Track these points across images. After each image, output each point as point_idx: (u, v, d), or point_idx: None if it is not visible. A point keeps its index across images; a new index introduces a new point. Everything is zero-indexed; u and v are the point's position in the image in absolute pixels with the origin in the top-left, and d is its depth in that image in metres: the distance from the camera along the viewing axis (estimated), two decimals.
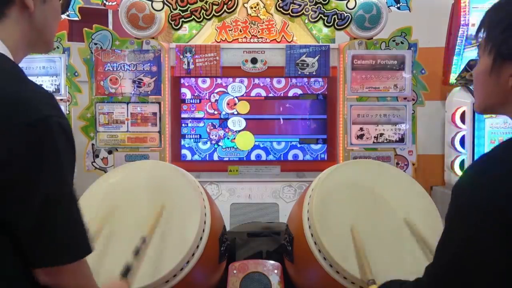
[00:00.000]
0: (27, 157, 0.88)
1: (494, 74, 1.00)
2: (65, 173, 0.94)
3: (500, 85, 0.99)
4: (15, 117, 0.87)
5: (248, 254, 2.42)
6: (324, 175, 2.11)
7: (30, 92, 0.93)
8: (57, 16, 1.10)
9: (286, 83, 2.99)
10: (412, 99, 2.87)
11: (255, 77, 2.97)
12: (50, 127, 0.90)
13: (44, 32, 1.07)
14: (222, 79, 2.98)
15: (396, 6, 2.87)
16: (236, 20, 3.04)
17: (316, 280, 2.01)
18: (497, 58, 0.99)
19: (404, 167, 2.89)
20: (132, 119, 2.83)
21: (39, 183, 0.89)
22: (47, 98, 0.94)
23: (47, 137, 0.90)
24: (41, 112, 0.90)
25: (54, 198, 0.91)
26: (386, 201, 1.99)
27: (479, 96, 1.07)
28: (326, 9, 2.82)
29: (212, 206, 2.13)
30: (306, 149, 3.01)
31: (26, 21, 1.02)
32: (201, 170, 2.90)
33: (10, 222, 0.90)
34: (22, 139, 0.87)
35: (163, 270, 1.79)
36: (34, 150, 0.88)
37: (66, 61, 2.94)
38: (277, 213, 2.87)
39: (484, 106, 1.07)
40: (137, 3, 2.79)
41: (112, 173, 2.22)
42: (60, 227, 0.93)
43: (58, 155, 0.92)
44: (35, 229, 0.90)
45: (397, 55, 2.84)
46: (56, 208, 0.92)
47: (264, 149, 3.01)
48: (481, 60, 1.03)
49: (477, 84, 1.07)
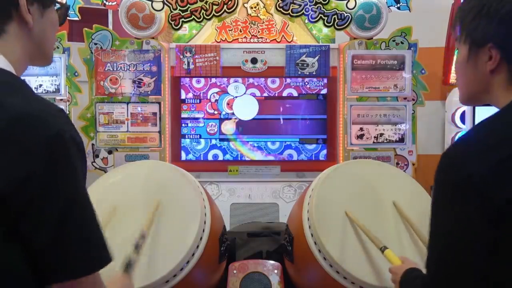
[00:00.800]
0: (43, 174, 0.88)
1: (471, 62, 1.01)
2: (80, 185, 0.95)
3: (479, 72, 1.01)
4: (28, 134, 0.88)
5: (248, 254, 2.42)
6: (324, 175, 2.11)
7: (40, 109, 0.93)
8: (55, 29, 1.11)
9: (280, 83, 2.99)
10: (412, 99, 2.87)
11: (250, 77, 2.97)
12: (64, 142, 0.90)
13: (43, 45, 1.07)
14: (217, 79, 2.97)
15: (396, 6, 2.86)
16: (236, 20, 3.04)
17: (316, 280, 2.01)
18: (472, 46, 1.00)
19: (404, 167, 2.89)
20: (132, 119, 2.83)
21: (56, 198, 0.89)
22: (57, 113, 0.95)
23: (62, 152, 0.90)
24: (54, 127, 0.90)
25: (70, 211, 0.91)
26: (386, 201, 1.99)
27: (461, 87, 1.08)
28: (326, 9, 2.82)
29: (212, 206, 2.13)
30: (301, 149, 3.01)
31: (25, 35, 1.02)
32: (201, 170, 2.90)
33: (28, 237, 0.89)
34: (38, 156, 0.88)
35: (163, 270, 1.79)
36: (50, 166, 0.89)
37: (66, 61, 2.94)
38: (277, 213, 2.87)
39: (467, 95, 1.08)
40: (137, 3, 2.79)
41: (112, 173, 2.22)
42: (78, 239, 0.93)
43: (74, 169, 0.93)
44: (53, 243, 0.90)
45: (397, 55, 2.84)
46: (73, 221, 0.92)
47: (260, 148, 3.01)
48: (459, 52, 1.05)
49: (458, 75, 1.09)
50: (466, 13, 1.01)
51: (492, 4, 0.96)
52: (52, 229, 0.89)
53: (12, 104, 0.90)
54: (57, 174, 0.90)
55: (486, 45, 0.98)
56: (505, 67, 0.98)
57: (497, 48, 0.97)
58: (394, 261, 1.52)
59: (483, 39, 0.98)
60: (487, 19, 0.97)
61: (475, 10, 0.99)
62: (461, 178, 0.90)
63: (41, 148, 0.88)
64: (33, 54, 1.06)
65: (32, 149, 0.88)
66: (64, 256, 0.92)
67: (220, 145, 3.01)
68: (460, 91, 1.10)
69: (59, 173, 0.90)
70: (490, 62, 0.98)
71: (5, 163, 0.86)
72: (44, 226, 0.89)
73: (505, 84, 0.99)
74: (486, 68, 0.99)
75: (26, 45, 1.03)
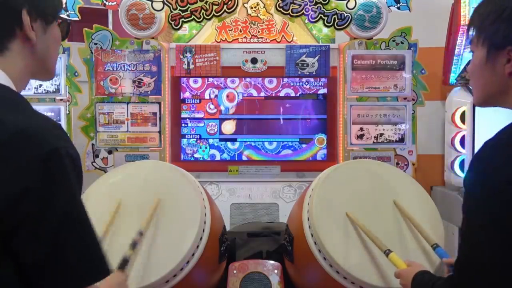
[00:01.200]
0: (39, 190, 0.88)
1: (489, 64, 1.03)
2: (76, 201, 0.95)
3: (497, 74, 1.02)
4: (25, 151, 0.88)
5: (248, 254, 2.42)
6: (324, 175, 2.11)
7: (38, 125, 0.93)
8: (57, 44, 1.11)
9: (278, 83, 2.99)
10: (412, 99, 2.87)
11: (247, 77, 2.96)
12: (60, 159, 0.90)
13: (47, 61, 1.08)
14: (214, 78, 2.96)
15: (396, 6, 2.87)
16: (236, 20, 3.04)
17: (316, 280, 2.01)
18: (490, 49, 1.02)
19: (404, 167, 2.89)
20: (132, 119, 2.83)
21: (52, 214, 0.89)
22: (54, 129, 0.95)
23: (58, 168, 0.90)
24: (51, 144, 0.90)
25: (66, 227, 0.91)
26: (386, 201, 1.99)
27: (477, 89, 1.09)
28: (326, 9, 2.82)
29: (212, 206, 2.13)
30: (301, 149, 3.01)
31: (28, 52, 1.02)
32: (201, 170, 2.90)
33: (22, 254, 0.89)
34: (34, 172, 0.87)
35: (163, 270, 1.79)
36: (46, 182, 0.88)
37: (66, 61, 2.94)
38: (277, 213, 2.87)
39: (483, 97, 1.09)
40: (137, 3, 2.79)
41: (112, 173, 2.22)
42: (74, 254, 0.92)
43: (70, 185, 0.92)
44: (48, 259, 0.89)
45: (397, 55, 2.84)
46: (69, 236, 0.91)
47: (260, 148, 3.01)
48: (475, 55, 1.06)
49: (473, 78, 1.10)
50: (485, 17, 1.03)
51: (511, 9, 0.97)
52: (47, 245, 0.88)
53: (10, 120, 0.90)
54: (53, 191, 0.89)
55: (505, 48, 1.00)
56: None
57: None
58: (399, 264, 1.51)
59: (503, 42, 0.99)
60: (508, 22, 0.98)
61: (495, 13, 1.00)
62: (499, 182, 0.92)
63: (37, 165, 0.87)
64: (35, 70, 1.06)
65: (29, 165, 0.87)
66: (59, 272, 0.90)
67: (220, 145, 3.01)
68: (475, 93, 1.11)
69: (55, 190, 0.89)
70: (509, 64, 1.00)
71: (1, 179, 0.86)
72: (39, 242, 0.88)
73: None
74: (505, 70, 1.00)
75: (28, 62, 1.03)
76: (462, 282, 1.01)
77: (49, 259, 0.89)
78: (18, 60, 1.01)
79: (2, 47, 0.99)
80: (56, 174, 0.90)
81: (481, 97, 1.09)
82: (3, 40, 0.99)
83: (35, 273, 0.90)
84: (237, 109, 3.00)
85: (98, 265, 0.97)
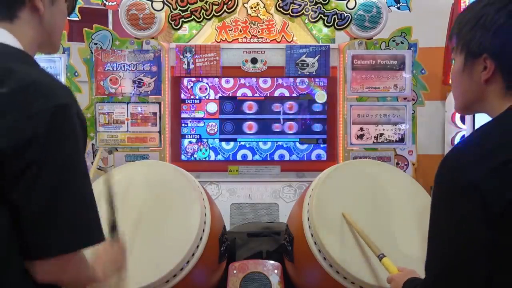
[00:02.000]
0: (45, 140, 0.90)
1: (467, 72, 1.04)
2: (81, 158, 0.98)
3: (474, 82, 1.03)
4: (37, 100, 0.91)
5: (248, 254, 2.42)
6: (324, 175, 2.11)
7: (52, 80, 0.98)
8: (64, 17, 1.15)
9: (272, 83, 2.98)
10: (412, 99, 2.87)
11: (241, 77, 2.96)
12: (70, 114, 0.94)
13: (53, 33, 1.12)
14: (209, 79, 2.96)
15: (396, 6, 2.87)
16: (236, 20, 3.04)
17: (316, 280, 2.01)
18: (468, 56, 1.03)
19: (404, 167, 2.89)
20: (132, 119, 2.83)
21: (54, 165, 0.91)
22: (67, 89, 1.00)
23: (66, 122, 0.93)
24: (63, 99, 0.94)
25: (67, 180, 0.93)
26: (386, 201, 1.99)
27: (457, 96, 1.11)
28: (326, 9, 2.82)
29: (212, 206, 2.13)
30: (292, 149, 3.01)
31: (36, 22, 1.06)
32: (201, 170, 2.90)
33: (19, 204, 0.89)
34: (43, 122, 0.90)
35: (163, 270, 1.79)
36: (53, 133, 0.91)
37: (66, 61, 2.94)
38: (277, 213, 2.87)
39: (463, 104, 1.10)
40: (137, 3, 2.79)
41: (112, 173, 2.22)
42: (71, 211, 0.93)
43: (76, 141, 0.96)
44: (44, 212, 0.90)
45: (397, 55, 2.84)
46: (68, 190, 0.93)
47: (260, 148, 3.01)
48: (455, 62, 1.08)
49: (453, 86, 1.12)
50: (463, 25, 1.04)
51: (488, 16, 0.99)
52: (45, 197, 0.90)
53: (25, 71, 0.95)
54: (59, 142, 0.92)
55: (481, 56, 1.00)
56: (499, 77, 1.00)
57: (492, 59, 0.99)
58: (392, 270, 1.53)
59: (479, 49, 1.00)
60: (483, 30, 0.99)
61: (472, 22, 1.01)
62: (460, 184, 0.93)
63: (47, 115, 0.90)
64: (42, 41, 1.10)
65: (39, 115, 0.90)
66: (55, 227, 0.90)
67: (220, 145, 3.01)
68: (455, 100, 1.13)
69: (61, 142, 0.92)
70: (485, 72, 1.01)
71: (11, 124, 0.89)
72: (37, 193, 0.89)
73: (499, 93, 1.01)
74: (481, 78, 1.01)
75: (36, 32, 1.07)
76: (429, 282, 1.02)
77: (46, 211, 0.90)
78: (27, 28, 1.05)
79: (12, 15, 1.03)
80: (63, 127, 0.93)
81: (461, 104, 1.11)
82: (13, 8, 1.03)
83: (29, 228, 0.90)
84: (238, 109, 3.00)
85: (93, 229, 0.97)
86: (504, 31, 0.97)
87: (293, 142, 3.01)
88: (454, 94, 1.13)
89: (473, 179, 0.91)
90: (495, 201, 0.90)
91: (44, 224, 0.90)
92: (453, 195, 0.95)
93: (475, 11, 1.02)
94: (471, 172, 0.92)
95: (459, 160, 0.96)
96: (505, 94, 1.00)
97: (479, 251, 0.92)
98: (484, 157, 0.93)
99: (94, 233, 0.97)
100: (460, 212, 0.93)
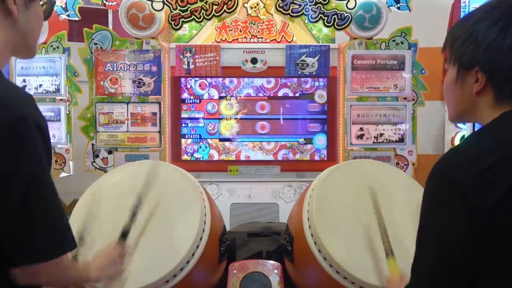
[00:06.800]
0: (5, 155, 0.91)
1: (459, 84, 1.08)
2: (43, 167, 0.97)
3: (466, 93, 1.07)
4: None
5: (248, 254, 2.42)
6: (324, 175, 2.11)
7: (7, 93, 0.96)
8: (40, 21, 1.12)
9: (275, 83, 2.98)
10: (412, 99, 2.87)
11: (245, 77, 2.96)
12: (27, 125, 0.93)
13: (28, 37, 1.09)
14: (210, 79, 2.96)
15: (396, 6, 2.87)
16: (236, 20, 3.04)
17: (316, 280, 2.01)
18: (460, 69, 1.07)
19: (404, 167, 2.89)
20: (132, 119, 2.83)
21: (18, 178, 0.92)
22: (24, 98, 0.98)
23: (24, 134, 0.93)
24: (18, 111, 0.93)
25: (33, 191, 0.93)
26: (386, 201, 1.99)
27: (449, 106, 1.15)
28: (326, 9, 2.82)
29: (212, 206, 2.13)
30: (292, 149, 3.00)
31: (10, 26, 1.04)
32: (201, 170, 2.90)
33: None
34: (2, 137, 0.90)
35: (163, 270, 1.79)
36: (13, 147, 0.91)
37: (66, 61, 2.94)
38: (277, 213, 2.87)
39: (455, 114, 1.14)
40: (137, 3, 2.79)
41: (112, 173, 2.22)
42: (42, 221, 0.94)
43: (37, 152, 0.95)
44: (16, 224, 0.92)
45: (397, 55, 2.84)
46: (36, 203, 0.94)
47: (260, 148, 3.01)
48: (448, 73, 1.12)
49: (446, 96, 1.15)
50: (455, 38, 1.08)
51: (479, 32, 1.02)
52: (15, 210, 0.91)
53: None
54: (19, 155, 0.92)
55: (473, 69, 1.04)
56: (490, 89, 1.04)
57: (483, 72, 1.03)
58: (393, 271, 1.54)
59: (471, 63, 1.04)
60: (475, 46, 1.03)
61: (463, 37, 1.05)
62: (447, 187, 0.96)
63: (4, 130, 0.90)
64: (16, 46, 1.07)
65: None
66: (27, 239, 0.93)
67: (220, 145, 3.01)
68: (449, 110, 1.16)
69: (21, 155, 0.92)
70: (477, 84, 1.04)
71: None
72: (7, 207, 0.91)
73: (490, 104, 1.05)
74: (473, 89, 1.05)
75: (10, 36, 1.04)
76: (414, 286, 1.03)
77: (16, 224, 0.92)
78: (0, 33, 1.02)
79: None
80: (22, 140, 0.92)
81: (453, 113, 1.15)
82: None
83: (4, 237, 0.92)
84: (238, 109, 3.00)
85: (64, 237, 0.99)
86: (494, 46, 1.01)
87: (293, 142, 3.01)
88: (447, 104, 1.17)
89: (460, 182, 0.94)
90: (480, 204, 0.92)
91: (17, 236, 0.93)
92: (440, 198, 0.98)
93: (467, 26, 1.06)
94: (458, 175, 0.95)
95: (448, 163, 1.00)
96: (495, 105, 1.04)
97: (463, 255, 0.94)
98: (471, 161, 0.96)
99: (65, 243, 0.99)
100: (445, 215, 0.96)
